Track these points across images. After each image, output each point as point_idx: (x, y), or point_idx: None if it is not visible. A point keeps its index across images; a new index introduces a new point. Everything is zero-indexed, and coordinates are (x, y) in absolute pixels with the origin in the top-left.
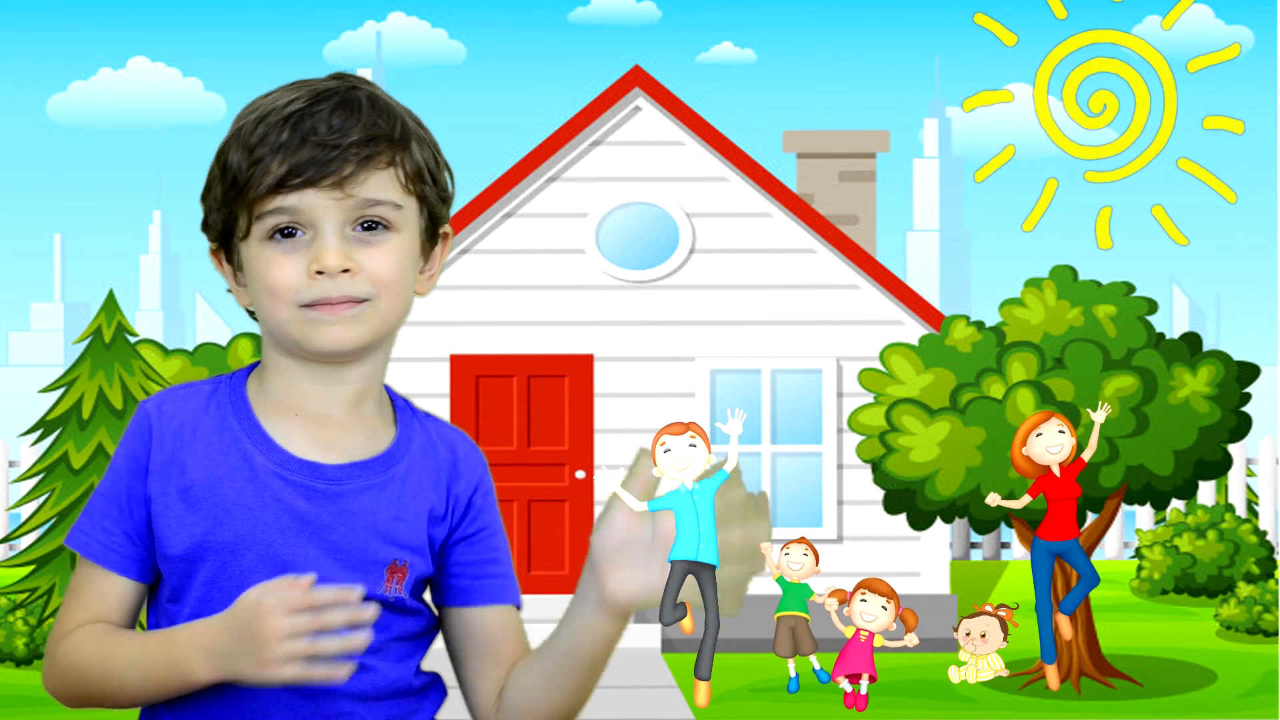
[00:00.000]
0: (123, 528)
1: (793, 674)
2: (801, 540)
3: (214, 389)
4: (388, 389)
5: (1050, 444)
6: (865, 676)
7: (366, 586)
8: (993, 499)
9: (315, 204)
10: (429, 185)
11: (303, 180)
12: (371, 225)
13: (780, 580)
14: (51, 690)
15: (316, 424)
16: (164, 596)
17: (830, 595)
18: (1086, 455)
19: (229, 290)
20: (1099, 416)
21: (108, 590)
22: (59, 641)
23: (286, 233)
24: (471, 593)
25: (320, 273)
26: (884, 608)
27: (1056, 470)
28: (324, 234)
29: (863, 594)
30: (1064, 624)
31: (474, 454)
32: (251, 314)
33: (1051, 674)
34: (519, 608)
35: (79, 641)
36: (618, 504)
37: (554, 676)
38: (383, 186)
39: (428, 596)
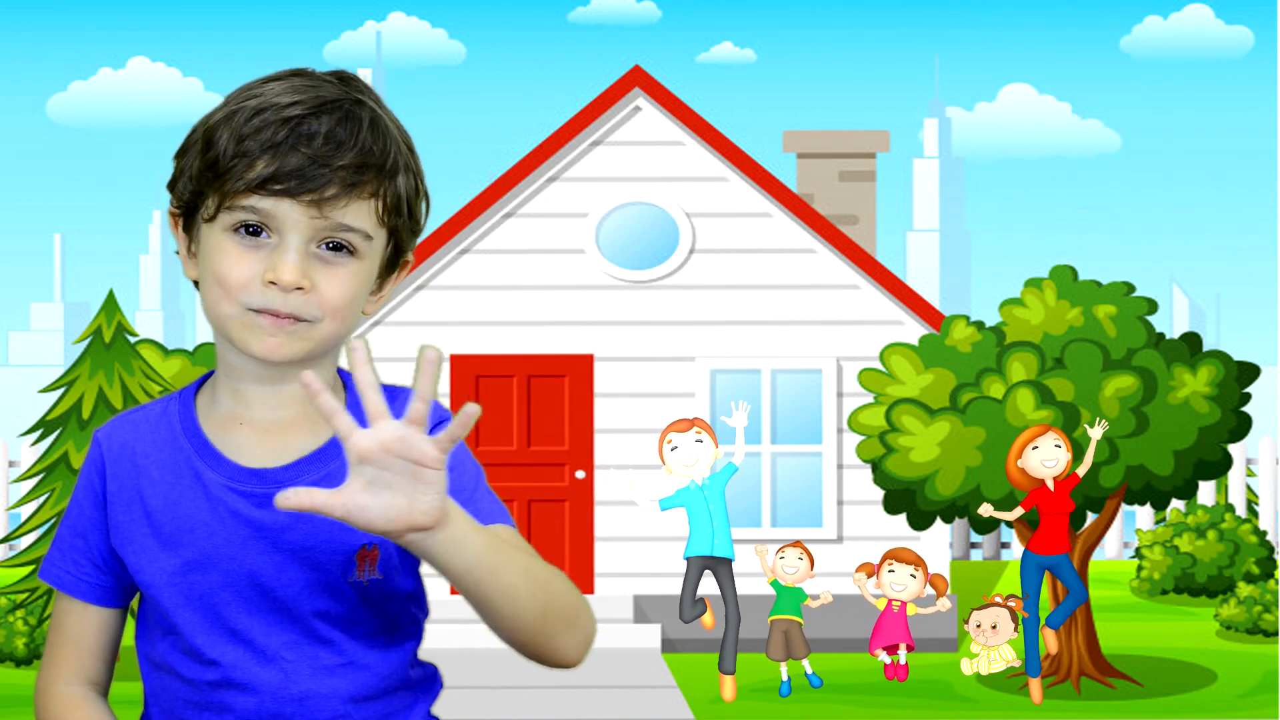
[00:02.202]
0: (89, 558)
1: (785, 677)
2: (797, 544)
3: (164, 409)
4: (341, 373)
5: (1046, 458)
6: (903, 646)
7: (338, 577)
8: (985, 509)
9: (289, 214)
10: (403, 218)
11: (283, 189)
12: (337, 246)
13: (775, 584)
14: None
15: (263, 430)
16: (148, 611)
17: (858, 569)
18: (1081, 470)
19: (176, 253)
20: (1095, 433)
21: (85, 622)
22: (44, 690)
23: (252, 230)
24: None
25: (273, 284)
26: (913, 575)
27: (1050, 484)
28: (288, 245)
29: (890, 564)
30: (1050, 638)
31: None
32: (196, 284)
33: (1035, 687)
34: (505, 523)
35: (55, 713)
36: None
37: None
38: (360, 216)
39: (425, 569)
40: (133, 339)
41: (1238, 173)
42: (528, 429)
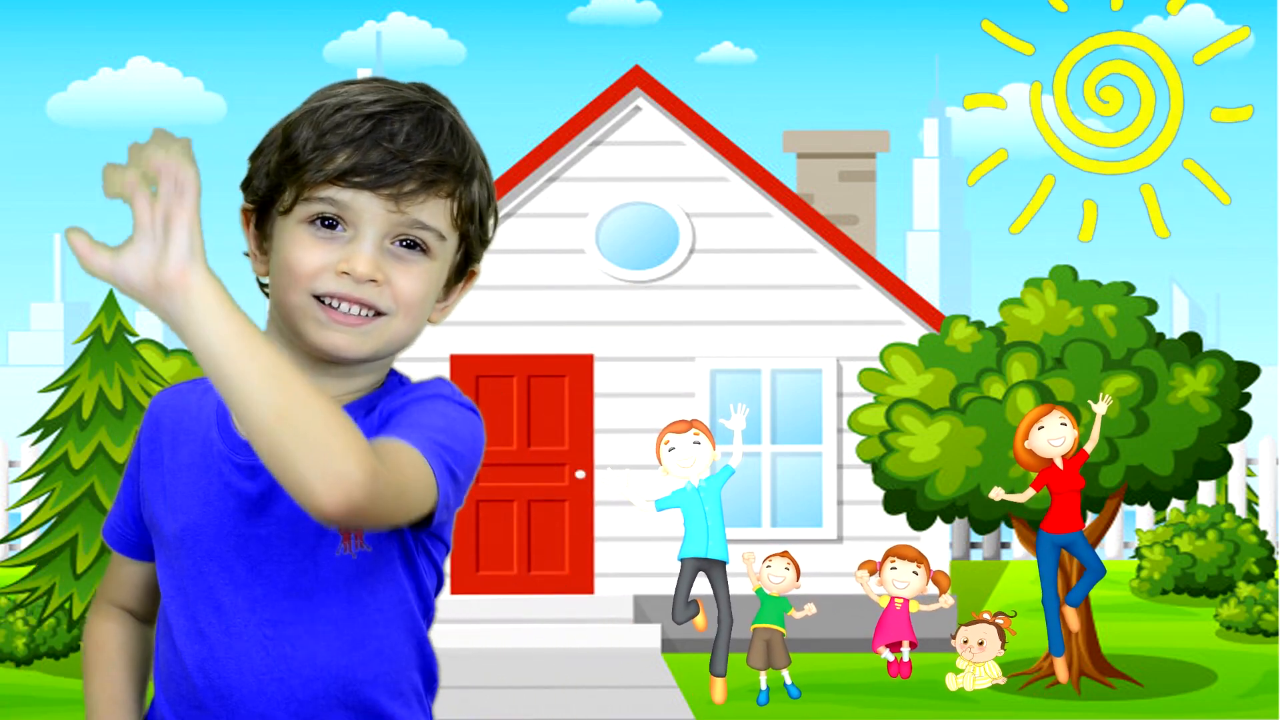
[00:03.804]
0: (121, 511)
1: (763, 686)
2: (784, 554)
3: (211, 385)
4: (392, 372)
5: (1052, 436)
6: (906, 643)
7: (326, 551)
8: (996, 493)
9: (367, 207)
10: (475, 225)
11: (364, 181)
12: (411, 244)
13: (759, 592)
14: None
15: None
16: (159, 576)
17: (860, 567)
18: (1089, 447)
19: (246, 254)
20: (1100, 408)
21: (120, 571)
22: (92, 607)
23: (328, 223)
24: None
25: (345, 274)
26: (915, 573)
27: (1059, 463)
28: (364, 238)
29: (892, 562)
30: (1071, 616)
31: (431, 381)
32: (261, 285)
33: (1060, 666)
34: (413, 445)
35: (87, 634)
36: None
37: None
38: (436, 214)
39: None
40: (133, 339)
41: (1238, 173)
42: (528, 429)
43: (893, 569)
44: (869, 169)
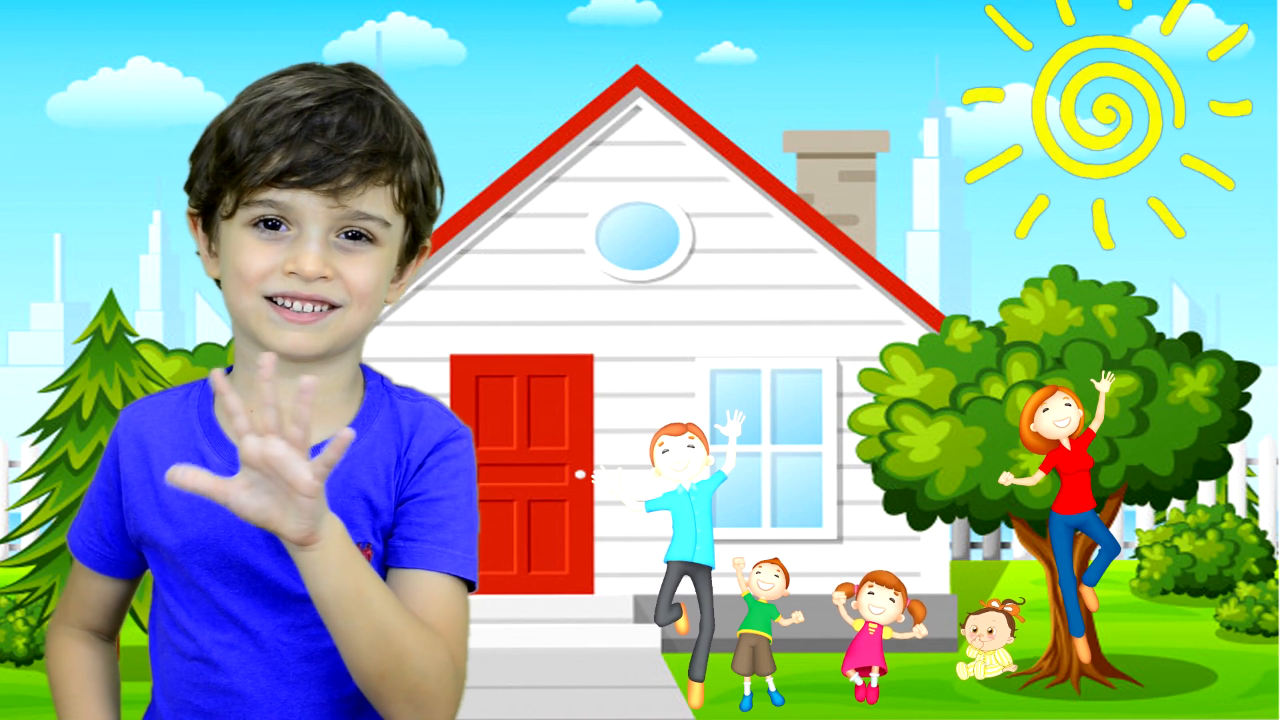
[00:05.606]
0: (97, 530)
1: (747, 692)
2: (774, 561)
3: (186, 394)
4: (365, 369)
5: (1057, 418)
6: (875, 669)
7: None
8: (1005, 478)
9: (306, 205)
10: (419, 203)
11: (300, 180)
12: (356, 235)
13: (748, 598)
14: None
15: None
16: (156, 590)
17: (838, 589)
18: (1095, 425)
19: (197, 253)
20: (1104, 386)
21: (91, 585)
22: (54, 629)
23: (270, 224)
24: (399, 554)
25: (294, 273)
26: (891, 599)
27: (1066, 443)
28: (308, 236)
29: (870, 586)
30: (1089, 595)
31: (439, 420)
32: (218, 283)
33: (1082, 647)
34: (458, 577)
35: (57, 661)
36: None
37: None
38: (376, 202)
39: None
40: (133, 339)
41: (1237, 173)
42: (528, 429)
43: (870, 594)
44: (869, 169)
